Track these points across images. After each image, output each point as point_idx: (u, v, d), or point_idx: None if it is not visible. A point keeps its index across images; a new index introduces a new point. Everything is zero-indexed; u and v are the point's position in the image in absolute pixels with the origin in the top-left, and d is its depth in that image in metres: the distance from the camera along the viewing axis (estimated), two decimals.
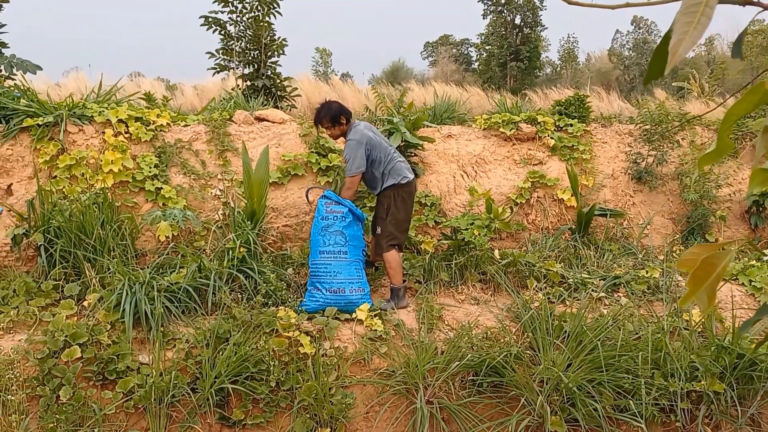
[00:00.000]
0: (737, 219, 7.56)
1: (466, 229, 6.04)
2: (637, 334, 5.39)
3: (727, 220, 7.46)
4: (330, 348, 4.98)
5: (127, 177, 6.01)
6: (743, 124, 7.62)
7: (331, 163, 6.56)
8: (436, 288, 5.86)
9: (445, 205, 6.84)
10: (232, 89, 8.85)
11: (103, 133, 6.14)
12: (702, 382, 5.05)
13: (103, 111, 6.26)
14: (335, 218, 5.51)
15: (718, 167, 7.38)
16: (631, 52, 36.28)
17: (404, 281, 5.68)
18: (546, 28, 34.15)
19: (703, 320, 5.52)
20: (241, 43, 9.38)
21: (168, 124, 6.53)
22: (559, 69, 40.44)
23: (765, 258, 6.28)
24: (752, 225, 7.35)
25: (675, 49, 0.95)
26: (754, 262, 6.43)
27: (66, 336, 4.52)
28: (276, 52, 9.47)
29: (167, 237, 5.79)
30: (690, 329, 5.47)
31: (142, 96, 7.32)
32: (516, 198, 7.04)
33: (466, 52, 42.38)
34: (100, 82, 7.13)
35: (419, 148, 6.87)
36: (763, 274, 6.17)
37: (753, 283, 6.13)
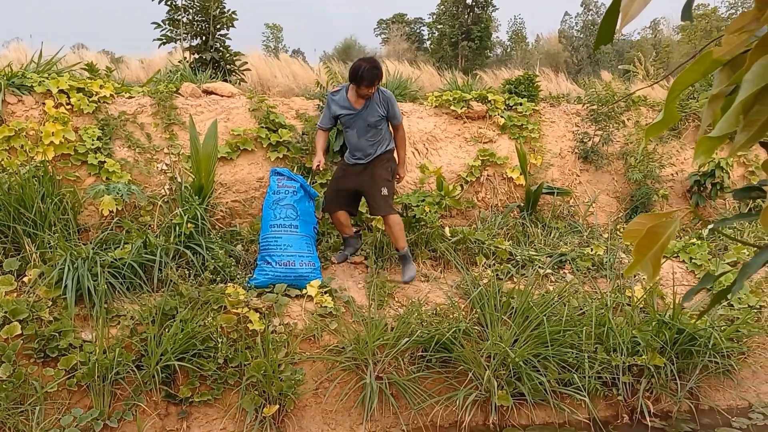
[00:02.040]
0: (679, 198, 7.77)
1: (417, 206, 6.05)
2: (581, 309, 5.51)
3: (670, 199, 7.66)
4: (279, 324, 4.95)
5: (68, 150, 5.82)
6: (686, 105, 7.80)
7: (281, 138, 6.48)
8: (387, 265, 5.86)
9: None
10: (179, 62, 8.64)
11: (44, 104, 5.93)
12: (643, 357, 5.19)
13: (44, 81, 6.04)
14: (287, 192, 5.47)
15: (661, 147, 7.56)
16: (580, 34, 36.75)
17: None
18: (497, 9, 34.35)
19: (645, 296, 5.67)
20: (188, 14, 9.15)
21: (111, 95, 6.33)
22: (509, 50, 40.74)
23: (705, 233, 6.48)
24: (694, 204, 7.56)
25: (626, 9, 0.95)
26: (694, 240, 6.62)
27: (5, 312, 4.38)
28: (225, 25, 9.28)
29: (111, 212, 5.63)
30: (632, 305, 5.62)
31: (85, 66, 7.08)
32: (466, 176, 7.09)
33: (418, 30, 42.33)
34: (41, 51, 6.87)
35: None
36: (703, 252, 6.37)
37: (693, 261, 6.33)
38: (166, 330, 4.60)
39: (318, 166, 5.54)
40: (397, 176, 5.76)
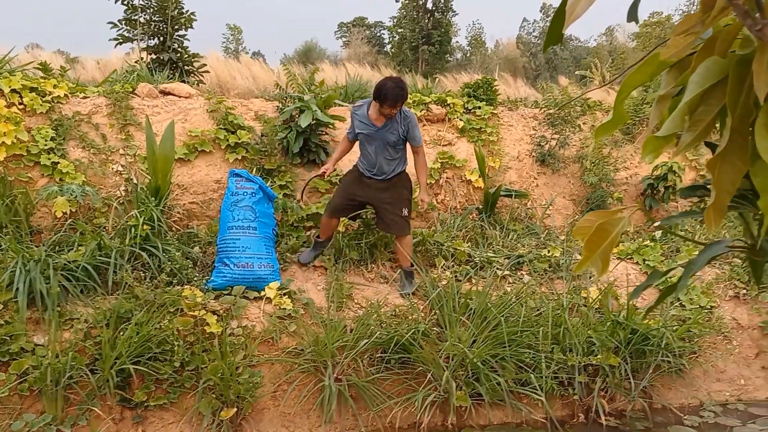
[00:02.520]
0: (633, 201, 7.92)
1: None
2: (538, 310, 5.58)
3: (624, 202, 7.81)
4: (237, 327, 4.91)
5: (21, 150, 5.67)
6: (640, 110, 7.97)
7: (240, 139, 6.42)
8: (346, 267, 5.86)
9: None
10: (136, 62, 8.51)
11: None
12: (598, 356, 5.29)
13: None
14: (245, 194, 5.43)
15: (616, 151, 7.70)
16: (538, 40, 37.27)
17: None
18: (457, 14, 34.64)
19: (600, 297, 5.78)
20: (145, 15, 9.02)
21: (66, 95, 6.21)
22: (468, 55, 41.10)
23: (659, 235, 6.62)
24: (647, 207, 7.72)
25: (572, 9, 0.97)
26: (648, 242, 6.77)
27: None
28: (184, 26, 9.18)
29: (64, 213, 5.51)
30: (588, 306, 5.71)
31: (38, 66, 6.92)
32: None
33: (379, 34, 42.44)
34: None
35: (330, 126, 6.83)
36: (656, 254, 6.51)
37: (647, 262, 6.47)
38: (121, 333, 4.52)
39: (324, 173, 5.60)
40: (421, 201, 5.76)
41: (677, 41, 1.11)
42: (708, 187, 1.15)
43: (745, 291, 6.26)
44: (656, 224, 1.19)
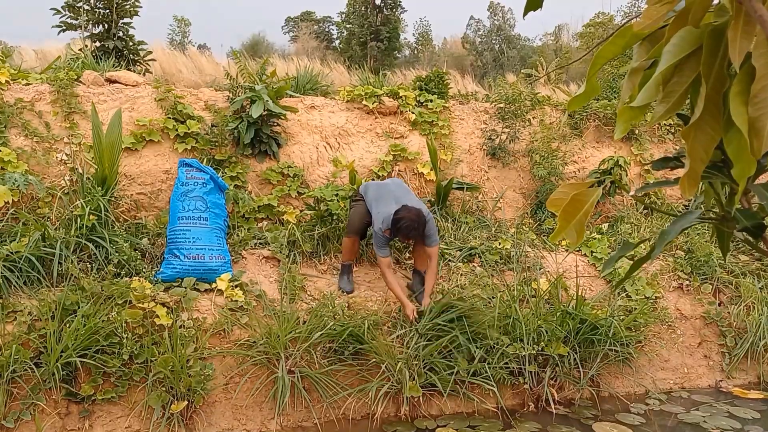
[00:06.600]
0: None
1: (331, 200, 6.02)
2: (490, 301, 5.64)
3: None
4: (188, 319, 4.82)
5: None
6: (588, 106, 8.11)
7: (189, 129, 6.29)
8: (299, 258, 5.80)
9: (308, 177, 6.76)
10: (80, 49, 8.25)
11: None
12: (548, 346, 5.37)
13: None
14: (196, 184, 5.32)
15: (564, 145, 7.82)
16: (484, 38, 37.61)
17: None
18: (406, 11, 34.69)
19: (549, 288, 5.87)
20: (89, 2, 8.75)
21: (7, 81, 5.98)
22: (416, 52, 41.25)
23: (630, 195, 6.77)
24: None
25: None
26: (595, 235, 6.91)
27: None
28: (129, 13, 8.94)
29: (6, 203, 5.31)
30: (537, 297, 5.79)
31: None
32: (378, 171, 7.09)
33: (327, 29, 42.24)
34: None
35: (282, 117, 6.75)
36: (604, 246, 6.66)
37: (594, 254, 6.60)
38: (67, 326, 4.39)
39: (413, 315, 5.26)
40: (413, 309, 5.30)
41: (652, 11, 1.13)
42: (681, 159, 1.17)
43: (688, 282, 6.46)
44: (631, 194, 1.21)
